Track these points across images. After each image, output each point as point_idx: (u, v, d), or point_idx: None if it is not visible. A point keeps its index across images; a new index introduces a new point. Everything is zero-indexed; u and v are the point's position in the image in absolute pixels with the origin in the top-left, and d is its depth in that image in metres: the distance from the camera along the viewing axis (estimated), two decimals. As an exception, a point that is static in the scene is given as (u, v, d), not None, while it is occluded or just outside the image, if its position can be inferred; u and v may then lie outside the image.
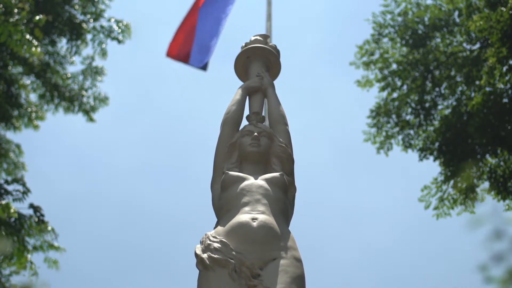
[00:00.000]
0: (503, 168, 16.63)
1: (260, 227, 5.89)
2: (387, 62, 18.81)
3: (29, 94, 19.09)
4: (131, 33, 19.08)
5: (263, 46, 7.22)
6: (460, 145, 17.05)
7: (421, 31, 18.57)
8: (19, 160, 19.10)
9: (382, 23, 19.00)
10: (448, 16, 18.40)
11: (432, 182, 17.81)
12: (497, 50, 15.42)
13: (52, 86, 19.01)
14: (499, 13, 15.20)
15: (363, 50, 19.12)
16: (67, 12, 18.39)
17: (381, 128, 18.75)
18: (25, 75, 18.88)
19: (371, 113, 18.80)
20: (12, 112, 18.43)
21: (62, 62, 19.17)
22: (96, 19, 18.88)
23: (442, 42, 18.38)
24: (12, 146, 19.09)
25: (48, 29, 18.06)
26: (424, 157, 17.99)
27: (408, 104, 18.50)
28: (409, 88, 18.44)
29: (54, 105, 19.34)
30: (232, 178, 6.32)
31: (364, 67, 19.14)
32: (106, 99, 19.55)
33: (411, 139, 18.57)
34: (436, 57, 18.20)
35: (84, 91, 19.37)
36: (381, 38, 19.08)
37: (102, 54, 19.19)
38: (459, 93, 17.94)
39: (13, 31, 14.14)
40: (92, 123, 19.63)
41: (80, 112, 19.40)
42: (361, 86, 19.25)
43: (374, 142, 18.91)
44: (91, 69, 19.43)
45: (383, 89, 18.76)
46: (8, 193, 15.20)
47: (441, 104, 18.32)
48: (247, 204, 6.07)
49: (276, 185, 6.27)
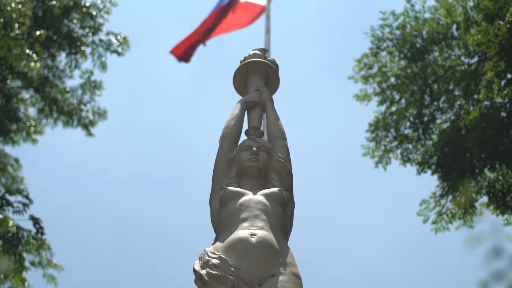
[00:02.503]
0: (502, 182, 16.62)
1: (259, 243, 5.86)
2: (386, 76, 18.82)
3: (27, 108, 19.09)
4: (129, 46, 19.14)
5: (262, 60, 7.22)
6: (459, 160, 17.04)
7: (419, 45, 18.59)
8: (18, 174, 19.09)
9: (380, 36, 19.02)
10: (446, 30, 18.43)
11: (431, 197, 17.79)
12: (495, 64, 15.44)
13: (51, 100, 19.03)
14: (497, 26, 15.23)
15: (362, 63, 19.14)
16: (66, 26, 18.43)
17: (380, 142, 18.75)
18: (24, 89, 18.89)
19: (369, 127, 18.81)
20: (10, 126, 18.43)
21: (61, 76, 19.19)
22: (95, 33, 18.91)
23: (440, 56, 18.40)
24: (10, 160, 19.07)
25: (47, 43, 18.09)
26: (422, 171, 17.98)
27: (406, 118, 18.50)
28: (407, 102, 18.45)
29: (53, 119, 19.35)
30: (231, 194, 6.30)
31: (362, 81, 19.15)
32: (105, 113, 19.55)
33: (410, 153, 18.56)
34: (435, 70, 18.22)
35: (83, 105, 19.38)
36: (380, 51, 19.10)
37: (102, 67, 19.20)
38: (458, 107, 17.95)
39: (13, 45, 14.17)
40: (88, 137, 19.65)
41: (79, 127, 19.40)
42: (360, 100, 19.26)
43: (372, 156, 18.91)
44: (90, 83, 19.44)
45: (382, 103, 18.77)
46: (9, 204, 15.17)
47: (439, 118, 18.32)
48: (246, 220, 6.05)
49: (275, 200, 6.25)
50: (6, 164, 18.84)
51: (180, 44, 17.66)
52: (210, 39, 17.73)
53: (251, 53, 7.32)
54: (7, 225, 13.97)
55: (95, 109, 19.49)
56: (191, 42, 17.64)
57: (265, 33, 16.47)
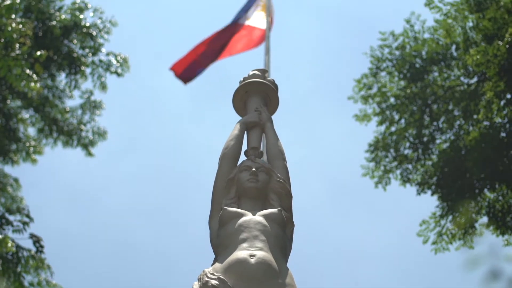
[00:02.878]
0: (502, 202, 16.61)
1: (258, 264, 5.85)
2: (385, 96, 18.84)
3: (27, 128, 19.11)
4: (129, 67, 19.18)
5: (262, 81, 7.22)
6: (458, 180, 17.03)
7: (418, 65, 18.63)
8: (17, 194, 19.08)
9: (380, 57, 19.06)
10: (445, 50, 18.46)
11: (431, 217, 17.77)
12: (494, 84, 15.47)
13: (51, 120, 19.05)
14: (496, 47, 15.26)
15: (361, 84, 19.17)
16: (66, 46, 18.48)
17: (379, 163, 18.75)
18: (24, 109, 18.92)
19: (369, 147, 18.81)
20: (10, 146, 18.44)
21: (61, 96, 19.23)
22: (95, 54, 18.96)
23: (439, 76, 18.43)
24: (10, 180, 19.07)
25: (47, 64, 18.13)
26: (422, 191, 17.97)
27: (406, 138, 18.50)
28: (407, 122, 18.46)
29: (53, 139, 19.37)
30: (230, 214, 6.29)
31: (362, 101, 19.17)
32: (105, 133, 19.57)
33: (409, 173, 18.55)
34: (434, 91, 18.23)
35: (83, 125, 19.39)
36: (379, 72, 19.13)
37: (102, 87, 19.24)
38: (457, 127, 17.95)
39: (13, 65, 14.20)
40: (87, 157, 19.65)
41: (78, 147, 19.41)
42: (359, 120, 19.27)
43: (372, 177, 18.89)
44: (90, 103, 19.46)
45: (381, 123, 18.78)
46: (9, 223, 15.14)
47: (439, 138, 18.33)
48: (245, 241, 6.04)
49: (274, 221, 6.24)
50: (6, 184, 18.84)
51: (181, 60, 17.75)
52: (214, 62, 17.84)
53: (251, 73, 7.32)
54: (6, 246, 13.92)
55: (95, 129, 19.52)
56: (191, 59, 17.72)
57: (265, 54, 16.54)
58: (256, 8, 18.20)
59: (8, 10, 14.27)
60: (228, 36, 17.84)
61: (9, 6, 14.30)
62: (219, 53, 17.70)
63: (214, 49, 17.72)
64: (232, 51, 17.80)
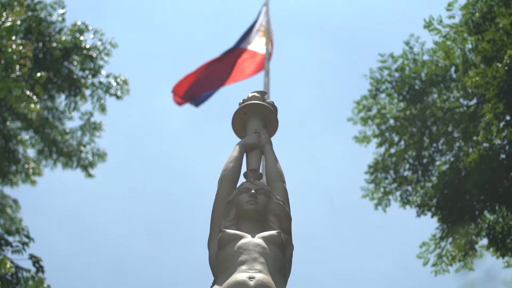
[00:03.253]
0: (502, 224, 16.58)
1: (257, 286, 5.82)
2: (385, 117, 18.86)
3: (27, 150, 19.12)
4: (129, 90, 19.21)
5: (261, 102, 7.22)
6: (458, 202, 17.02)
7: (418, 87, 18.66)
8: (16, 216, 19.06)
9: (379, 79, 19.10)
10: (445, 72, 18.50)
11: (431, 239, 17.73)
12: (493, 106, 15.48)
13: (50, 141, 19.06)
14: (495, 69, 15.30)
15: (361, 105, 19.20)
16: (66, 68, 18.52)
17: (379, 184, 18.73)
18: (23, 130, 18.93)
19: (368, 169, 18.80)
20: (9, 168, 18.43)
21: (60, 117, 19.24)
22: (95, 75, 18.99)
23: (439, 98, 18.46)
24: (9, 201, 19.06)
25: (47, 85, 18.17)
26: (422, 213, 17.94)
27: (405, 160, 18.50)
28: (406, 144, 18.46)
29: (53, 160, 19.37)
30: (229, 236, 6.27)
31: (361, 122, 19.19)
32: (105, 154, 19.57)
33: (409, 195, 18.53)
34: (433, 112, 18.25)
35: (83, 146, 19.40)
36: (379, 93, 19.16)
37: (101, 109, 19.26)
38: (457, 149, 17.95)
39: (13, 87, 14.22)
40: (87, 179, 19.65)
41: (78, 168, 19.41)
42: (359, 142, 19.28)
43: (372, 198, 18.88)
44: (90, 124, 19.48)
45: (381, 145, 18.79)
46: (8, 244, 15.10)
47: (438, 160, 18.32)
48: (244, 263, 6.02)
49: (273, 243, 6.22)
50: (5, 205, 18.83)
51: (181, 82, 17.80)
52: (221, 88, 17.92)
53: (250, 95, 7.32)
54: (5, 267, 13.88)
55: (95, 151, 19.52)
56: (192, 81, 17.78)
57: (265, 75, 16.62)
58: (257, 33, 18.32)
59: (8, 32, 14.31)
60: (232, 61, 17.94)
61: (10, 28, 14.35)
62: (225, 79, 17.80)
63: (219, 74, 17.80)
64: (238, 77, 17.88)
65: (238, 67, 17.91)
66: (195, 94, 17.81)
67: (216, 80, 17.84)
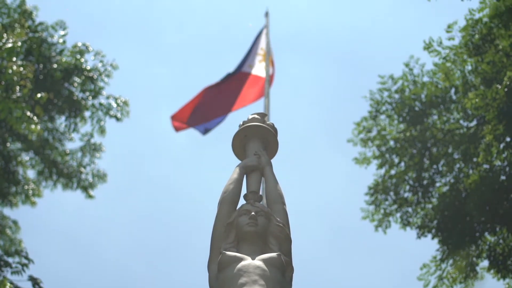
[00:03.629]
0: (503, 246, 16.54)
1: (257, 308, 5.81)
2: (385, 139, 18.88)
3: (26, 171, 19.11)
4: (129, 112, 19.23)
5: (261, 124, 7.22)
6: (459, 223, 16.99)
7: (418, 108, 18.68)
8: (16, 237, 19.03)
9: (379, 100, 19.13)
10: (444, 93, 18.53)
11: (431, 261, 17.69)
12: (493, 127, 15.49)
13: (50, 162, 19.06)
14: (495, 90, 15.32)
15: (361, 127, 19.22)
16: (66, 89, 18.55)
17: (379, 206, 18.71)
18: (24, 151, 18.94)
19: (369, 190, 18.79)
20: (9, 189, 18.43)
21: (61, 138, 19.26)
22: (95, 97, 19.02)
23: (439, 119, 18.47)
24: (9, 222, 19.04)
25: (47, 106, 18.19)
26: (423, 234, 17.91)
27: (406, 182, 18.49)
28: (406, 165, 18.46)
29: (53, 181, 19.36)
30: (229, 259, 6.25)
31: (361, 144, 19.20)
32: (105, 176, 19.56)
33: (409, 216, 18.51)
34: (433, 134, 18.27)
35: (83, 167, 19.39)
36: (379, 115, 19.18)
37: (100, 131, 19.27)
38: (457, 170, 17.95)
39: (14, 108, 14.23)
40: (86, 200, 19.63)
41: (78, 189, 19.40)
42: (359, 163, 19.29)
43: (372, 220, 18.86)
44: (90, 146, 19.49)
45: (381, 166, 18.79)
46: (7, 265, 15.05)
47: (439, 181, 18.32)
48: (244, 285, 5.99)
49: (273, 265, 6.20)
50: (5, 226, 18.81)
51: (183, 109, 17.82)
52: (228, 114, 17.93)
53: (250, 117, 7.33)
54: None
55: (95, 172, 19.52)
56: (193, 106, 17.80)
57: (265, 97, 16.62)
58: (257, 57, 18.38)
59: (9, 53, 14.34)
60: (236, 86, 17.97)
61: (11, 49, 14.38)
62: (231, 105, 17.81)
63: (225, 101, 17.83)
64: (243, 103, 17.90)
65: (243, 93, 17.95)
66: (200, 120, 17.79)
67: (222, 107, 17.84)
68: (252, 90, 17.98)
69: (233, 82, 18.07)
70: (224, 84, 18.12)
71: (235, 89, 17.97)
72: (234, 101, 17.85)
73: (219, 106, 17.82)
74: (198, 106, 17.85)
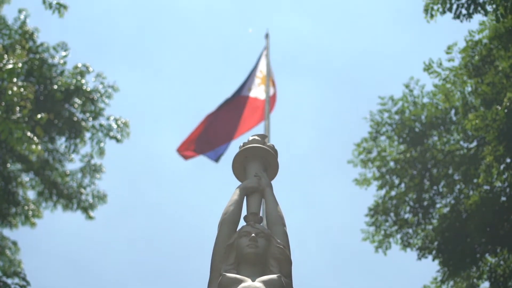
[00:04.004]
0: (503, 267, 16.50)
1: (257, 331, 5.79)
2: (385, 160, 18.88)
3: (27, 192, 19.10)
4: (129, 133, 19.23)
5: (261, 146, 7.23)
6: (459, 244, 16.95)
7: (418, 129, 18.69)
8: (15, 257, 18.98)
9: (379, 121, 19.14)
10: (444, 115, 18.55)
11: (432, 282, 17.64)
12: (494, 148, 15.50)
13: (50, 183, 19.05)
14: (495, 111, 15.33)
15: (361, 148, 19.23)
16: (67, 110, 18.57)
17: (380, 227, 18.69)
18: (24, 172, 18.93)
19: (369, 212, 18.77)
20: (9, 210, 18.41)
21: (61, 159, 19.26)
22: (95, 118, 19.04)
23: (439, 140, 18.48)
24: (8, 243, 19.00)
25: (47, 127, 18.20)
26: (423, 256, 17.87)
27: (406, 203, 18.48)
28: (407, 187, 18.45)
29: (53, 202, 19.34)
30: (229, 280, 6.23)
31: (361, 165, 19.20)
32: (105, 196, 19.55)
33: (410, 238, 18.48)
34: (434, 155, 18.27)
35: (83, 188, 19.38)
36: (379, 136, 19.19)
37: (100, 153, 19.28)
38: (457, 191, 17.94)
39: (14, 128, 14.22)
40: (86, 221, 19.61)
41: (78, 210, 19.38)
42: (359, 184, 19.28)
43: (372, 241, 18.82)
44: (90, 166, 19.48)
45: (381, 187, 18.78)
46: (6, 286, 15.03)
47: (439, 202, 18.30)
48: (244, 307, 5.98)
49: (273, 287, 6.18)
50: (4, 247, 18.77)
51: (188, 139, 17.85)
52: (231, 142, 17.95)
53: (250, 138, 7.34)
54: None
55: (95, 193, 19.51)
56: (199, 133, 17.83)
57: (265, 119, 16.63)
58: (256, 80, 18.43)
59: (10, 74, 14.36)
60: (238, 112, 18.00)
61: (11, 70, 14.40)
62: (234, 132, 17.82)
63: (229, 127, 17.84)
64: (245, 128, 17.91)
65: (244, 119, 17.97)
66: (207, 148, 17.78)
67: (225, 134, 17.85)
68: (253, 114, 18.00)
69: (233, 107, 18.09)
70: (225, 110, 18.14)
71: (236, 115, 17.99)
72: (236, 128, 17.87)
73: (222, 133, 17.83)
74: (202, 134, 17.86)
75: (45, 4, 14.31)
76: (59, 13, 14.67)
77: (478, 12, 14.36)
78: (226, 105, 18.27)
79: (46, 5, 14.37)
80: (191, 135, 17.87)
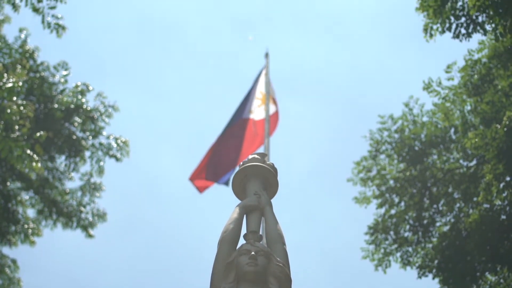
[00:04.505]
0: (503, 285, 16.47)
1: None
2: (385, 178, 18.88)
3: (26, 210, 19.10)
4: (129, 152, 19.26)
5: (261, 164, 7.24)
6: (459, 263, 16.92)
7: (417, 148, 18.71)
8: (15, 276, 18.96)
9: (379, 140, 19.17)
10: (444, 133, 18.58)
11: (432, 300, 17.63)
12: (493, 166, 15.50)
13: (50, 201, 19.05)
14: (494, 130, 15.36)
15: (360, 166, 19.24)
16: (67, 129, 18.60)
17: (379, 245, 18.66)
18: (23, 190, 18.94)
19: (369, 230, 18.75)
20: (9, 228, 18.40)
21: (60, 178, 19.27)
22: (95, 137, 19.07)
23: (439, 159, 18.50)
24: (7, 261, 18.97)
25: (47, 145, 18.23)
26: (423, 274, 17.83)
27: (406, 221, 18.47)
28: (406, 205, 18.45)
29: (52, 220, 19.33)
30: (229, 299, 6.23)
31: (361, 183, 19.21)
32: (104, 215, 19.55)
33: (410, 256, 18.46)
34: (433, 173, 18.28)
35: (83, 207, 19.38)
36: (378, 154, 19.21)
37: (99, 171, 19.30)
38: (457, 209, 17.94)
39: (14, 146, 14.24)
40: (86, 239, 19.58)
41: (78, 228, 19.37)
42: (359, 203, 19.28)
43: (372, 259, 18.79)
44: (90, 185, 19.50)
45: (381, 206, 18.77)
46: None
47: (439, 221, 18.29)
48: (244, 326, 5.98)
49: (273, 305, 6.18)
50: (4, 265, 18.74)
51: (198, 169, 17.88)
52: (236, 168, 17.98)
53: (250, 157, 7.35)
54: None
55: (95, 211, 19.50)
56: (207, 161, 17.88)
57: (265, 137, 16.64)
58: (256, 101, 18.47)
59: (10, 93, 14.38)
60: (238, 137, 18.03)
61: (11, 89, 14.42)
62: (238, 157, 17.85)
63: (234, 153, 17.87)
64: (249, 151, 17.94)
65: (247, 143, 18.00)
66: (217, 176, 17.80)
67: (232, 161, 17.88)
68: (255, 138, 18.02)
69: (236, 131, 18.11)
70: (228, 135, 18.16)
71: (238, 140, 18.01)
72: (239, 153, 17.89)
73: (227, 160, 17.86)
74: (209, 163, 17.89)
75: (44, 24, 14.34)
76: (57, 33, 14.69)
77: (477, 31, 14.41)
78: (229, 129, 18.30)
79: (44, 25, 14.39)
80: (201, 163, 17.93)
